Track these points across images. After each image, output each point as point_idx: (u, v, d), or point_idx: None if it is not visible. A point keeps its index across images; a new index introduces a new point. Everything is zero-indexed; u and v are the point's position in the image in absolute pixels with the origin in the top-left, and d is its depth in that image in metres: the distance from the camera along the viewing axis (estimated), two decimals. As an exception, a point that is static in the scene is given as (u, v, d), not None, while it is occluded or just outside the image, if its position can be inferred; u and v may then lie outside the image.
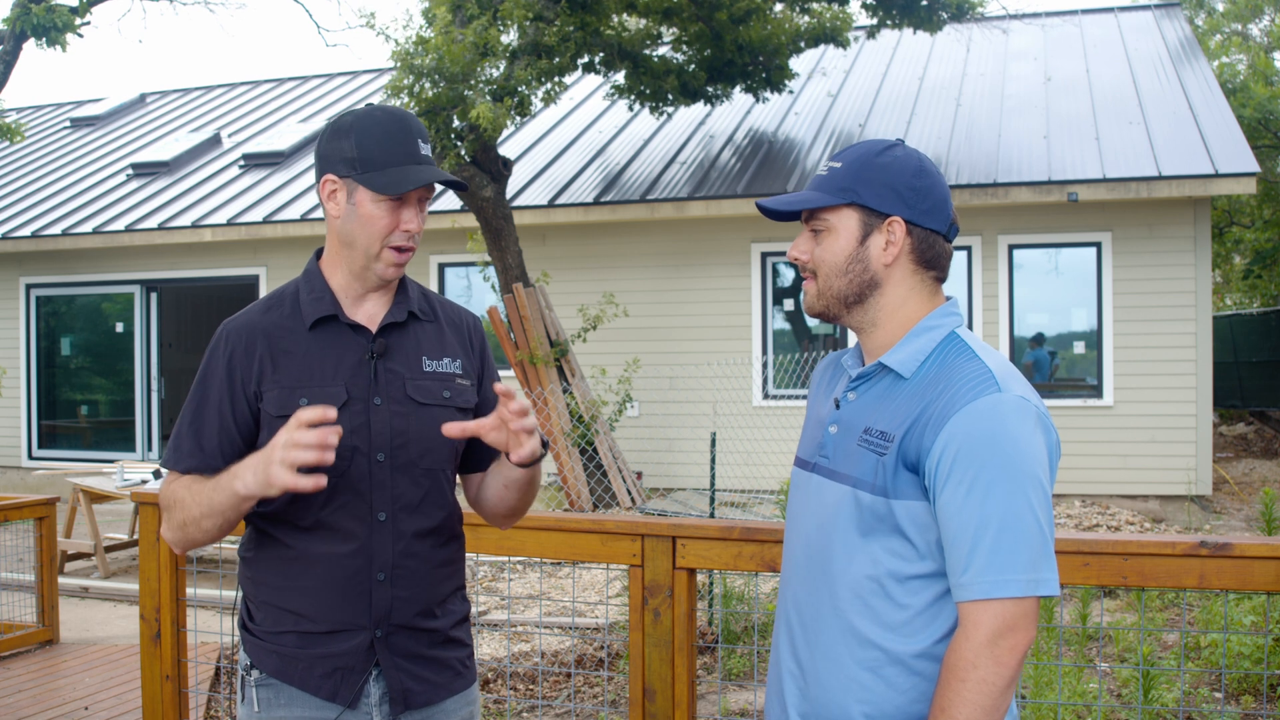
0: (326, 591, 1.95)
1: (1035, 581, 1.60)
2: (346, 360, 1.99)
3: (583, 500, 9.59)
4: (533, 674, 5.27)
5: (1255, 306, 20.38)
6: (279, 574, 1.99)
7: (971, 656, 1.60)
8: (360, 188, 1.95)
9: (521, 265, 10.05)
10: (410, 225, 1.97)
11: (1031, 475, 1.62)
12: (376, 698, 1.98)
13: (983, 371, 1.68)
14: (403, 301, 2.07)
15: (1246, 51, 20.60)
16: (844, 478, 1.75)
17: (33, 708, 4.97)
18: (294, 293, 2.05)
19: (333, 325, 2.01)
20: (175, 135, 16.87)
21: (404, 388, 2.01)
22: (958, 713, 1.59)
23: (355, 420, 1.96)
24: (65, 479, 9.60)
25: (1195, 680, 4.99)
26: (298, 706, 1.97)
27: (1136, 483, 10.30)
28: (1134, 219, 10.40)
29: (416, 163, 1.95)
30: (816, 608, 1.77)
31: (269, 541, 2.00)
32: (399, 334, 2.04)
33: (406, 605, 1.99)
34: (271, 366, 1.97)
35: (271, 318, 2.01)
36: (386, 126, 1.95)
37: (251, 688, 1.99)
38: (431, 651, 2.04)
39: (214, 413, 1.97)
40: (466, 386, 2.09)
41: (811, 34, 11.81)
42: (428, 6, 10.20)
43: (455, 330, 2.13)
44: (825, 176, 1.80)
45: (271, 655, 1.98)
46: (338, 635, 1.96)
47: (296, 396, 1.95)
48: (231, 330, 2.02)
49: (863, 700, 1.71)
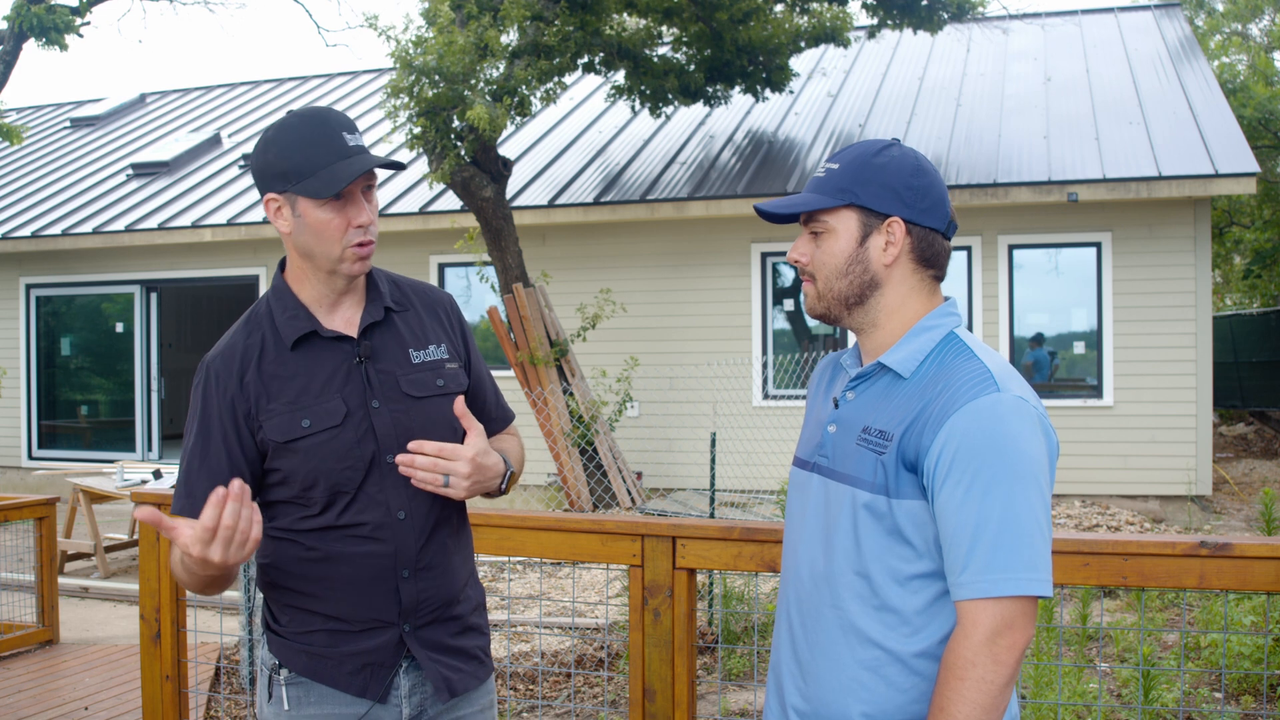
0: (354, 592, 1.97)
1: (1033, 581, 1.60)
2: (336, 372, 1.98)
3: (583, 500, 9.58)
4: (533, 674, 5.27)
5: (1255, 306, 20.39)
6: (301, 578, 1.99)
7: (970, 655, 1.60)
8: (300, 199, 1.91)
9: (521, 265, 10.05)
10: (361, 219, 1.94)
11: (1030, 475, 1.62)
12: (406, 689, 2.01)
13: (982, 371, 1.68)
14: (376, 299, 2.05)
15: (1246, 51, 20.60)
16: (843, 477, 1.75)
17: (33, 708, 4.97)
18: (268, 312, 2.02)
19: (314, 341, 1.99)
20: (175, 135, 16.87)
21: (398, 385, 2.01)
22: (957, 711, 1.60)
23: (360, 428, 1.96)
24: (65, 479, 9.60)
25: (1195, 680, 4.99)
26: (329, 703, 1.99)
27: (1136, 483, 10.30)
28: (1134, 219, 10.40)
29: (345, 157, 1.90)
30: (816, 607, 1.78)
31: (288, 546, 1.99)
32: (380, 332, 2.04)
33: (432, 597, 2.02)
34: (264, 393, 1.95)
35: (254, 343, 1.99)
36: (303, 131, 1.90)
37: (281, 686, 2.00)
38: (457, 641, 2.07)
39: (218, 451, 1.94)
40: (456, 369, 2.09)
41: (811, 34, 11.80)
42: (428, 6, 10.19)
43: (433, 314, 2.12)
44: (823, 178, 1.79)
45: (300, 654, 1.99)
46: (368, 633, 1.98)
47: (298, 418, 1.94)
48: (218, 366, 1.98)
49: (863, 700, 1.71)
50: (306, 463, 1.93)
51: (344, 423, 1.94)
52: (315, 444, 1.94)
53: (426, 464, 1.90)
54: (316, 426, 1.94)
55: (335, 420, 1.94)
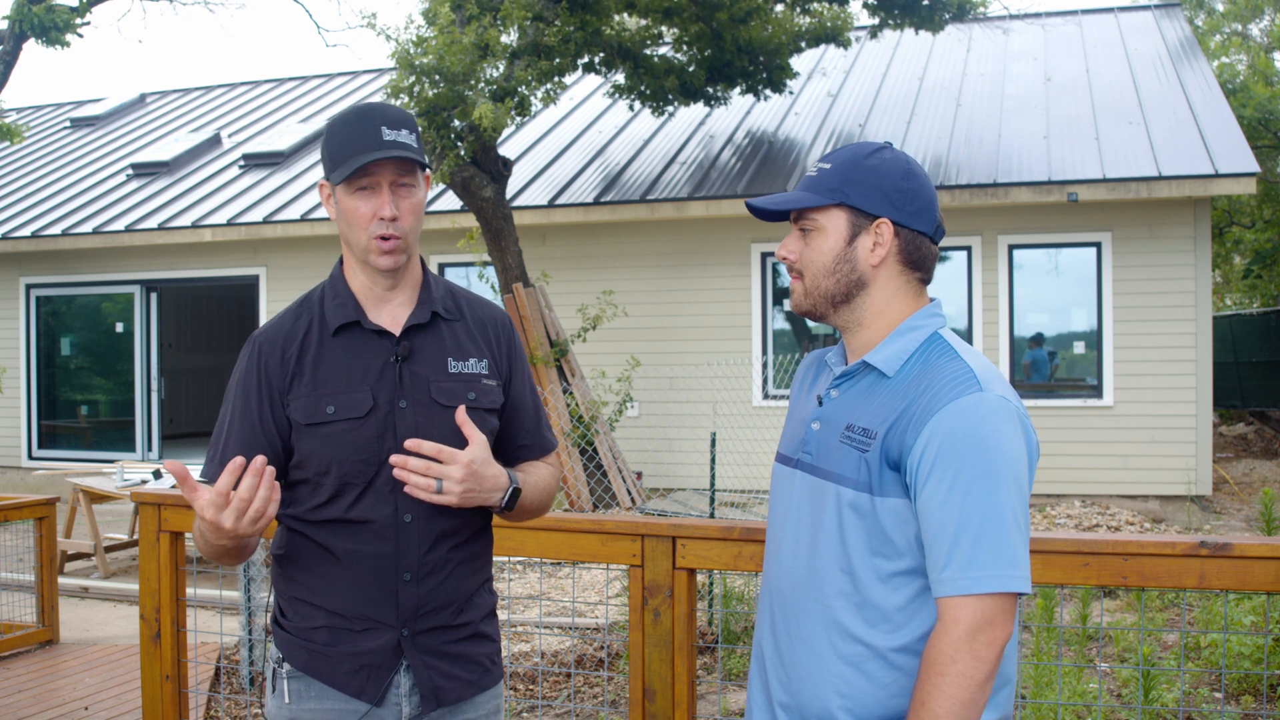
0: (354, 589, 1.99)
1: (1013, 578, 1.62)
2: (371, 366, 2.00)
3: (583, 500, 9.59)
4: (533, 674, 5.27)
5: (1255, 306, 20.39)
6: (308, 572, 2.02)
7: (950, 651, 1.62)
8: (337, 186, 1.98)
9: (521, 265, 10.05)
10: (385, 212, 1.95)
11: (1011, 474, 1.65)
12: (406, 689, 2.01)
13: (965, 371, 1.70)
14: (426, 301, 2.07)
15: (1246, 51, 20.60)
16: (827, 474, 1.77)
17: (33, 708, 4.97)
18: (320, 298, 2.07)
19: (356, 331, 2.02)
20: (175, 135, 16.87)
21: (428, 390, 2.01)
22: (937, 706, 1.61)
23: (382, 425, 1.97)
24: (65, 479, 9.60)
25: (1195, 680, 4.99)
26: (328, 699, 2.01)
27: (1136, 483, 10.30)
28: (1134, 219, 10.40)
29: (376, 148, 1.93)
30: (799, 602, 1.79)
31: (300, 539, 2.03)
32: (423, 335, 2.05)
33: (432, 604, 2.02)
34: (299, 374, 2.00)
35: (300, 325, 2.04)
36: (348, 121, 1.97)
37: (283, 680, 2.03)
38: (459, 648, 2.06)
39: (252, 423, 1.99)
40: (493, 387, 2.08)
41: (812, 34, 11.81)
42: (428, 6, 10.20)
43: (481, 329, 2.13)
44: (815, 177, 1.81)
45: (301, 650, 2.02)
46: (366, 633, 1.99)
47: (324, 405, 1.97)
48: (264, 340, 2.04)
49: (843, 694, 1.73)
50: (325, 448, 1.96)
51: (368, 416, 1.96)
52: (335, 431, 1.96)
53: (419, 466, 1.89)
54: (340, 415, 1.96)
55: (360, 412, 1.96)
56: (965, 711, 1.61)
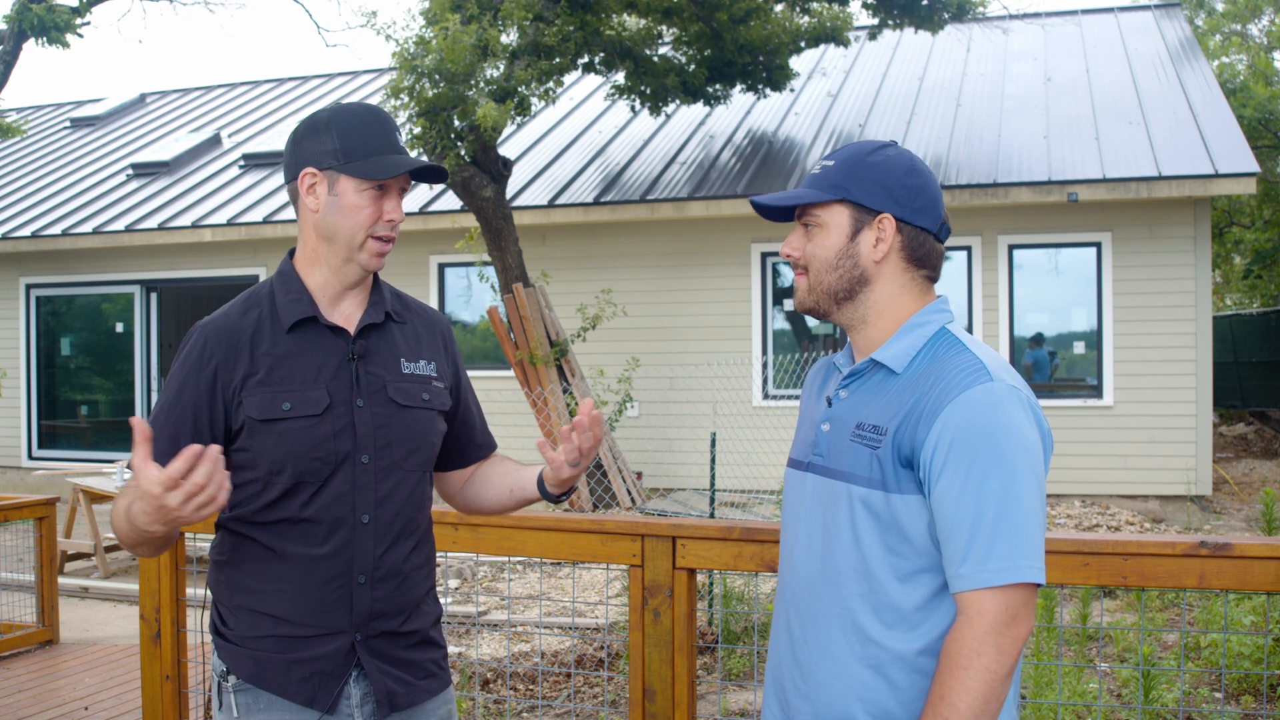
0: (306, 594, 1.94)
1: (1033, 569, 1.61)
2: (327, 363, 1.98)
3: (583, 500, 9.59)
4: (533, 674, 5.27)
5: (1255, 306, 20.38)
6: (256, 577, 1.96)
7: (975, 644, 1.59)
8: (343, 178, 1.95)
9: (521, 265, 10.05)
10: (393, 215, 1.98)
11: (1027, 463, 1.63)
12: (358, 699, 1.98)
13: (974, 363, 1.69)
14: (378, 302, 2.07)
15: (1246, 51, 20.60)
16: (839, 474, 1.75)
17: (33, 708, 4.97)
18: (269, 293, 2.03)
19: (311, 327, 2.00)
20: (175, 135, 16.86)
21: (385, 390, 2.01)
22: (959, 700, 1.59)
23: (339, 423, 1.95)
24: (65, 479, 9.60)
25: (1195, 680, 4.99)
26: (277, 710, 1.95)
27: (1136, 483, 10.30)
28: (1134, 219, 10.40)
29: (398, 152, 1.97)
30: (816, 607, 1.77)
31: (246, 543, 1.97)
32: (377, 335, 2.04)
33: (387, 608, 1.99)
34: (252, 370, 1.95)
35: (250, 320, 1.99)
36: (365, 118, 1.98)
37: (230, 694, 1.97)
38: (410, 654, 2.04)
39: (187, 417, 1.92)
40: (441, 389, 2.11)
41: (812, 34, 11.80)
42: (428, 6, 10.20)
43: (429, 332, 2.15)
44: (818, 174, 1.82)
45: (247, 660, 1.96)
46: (317, 639, 1.95)
47: (279, 401, 1.93)
48: (211, 332, 1.98)
49: (865, 699, 1.71)
50: (279, 446, 1.91)
51: (324, 414, 1.94)
52: (291, 429, 1.92)
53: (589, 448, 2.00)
54: (296, 411, 1.93)
55: (316, 409, 1.94)
56: (987, 706, 1.59)
